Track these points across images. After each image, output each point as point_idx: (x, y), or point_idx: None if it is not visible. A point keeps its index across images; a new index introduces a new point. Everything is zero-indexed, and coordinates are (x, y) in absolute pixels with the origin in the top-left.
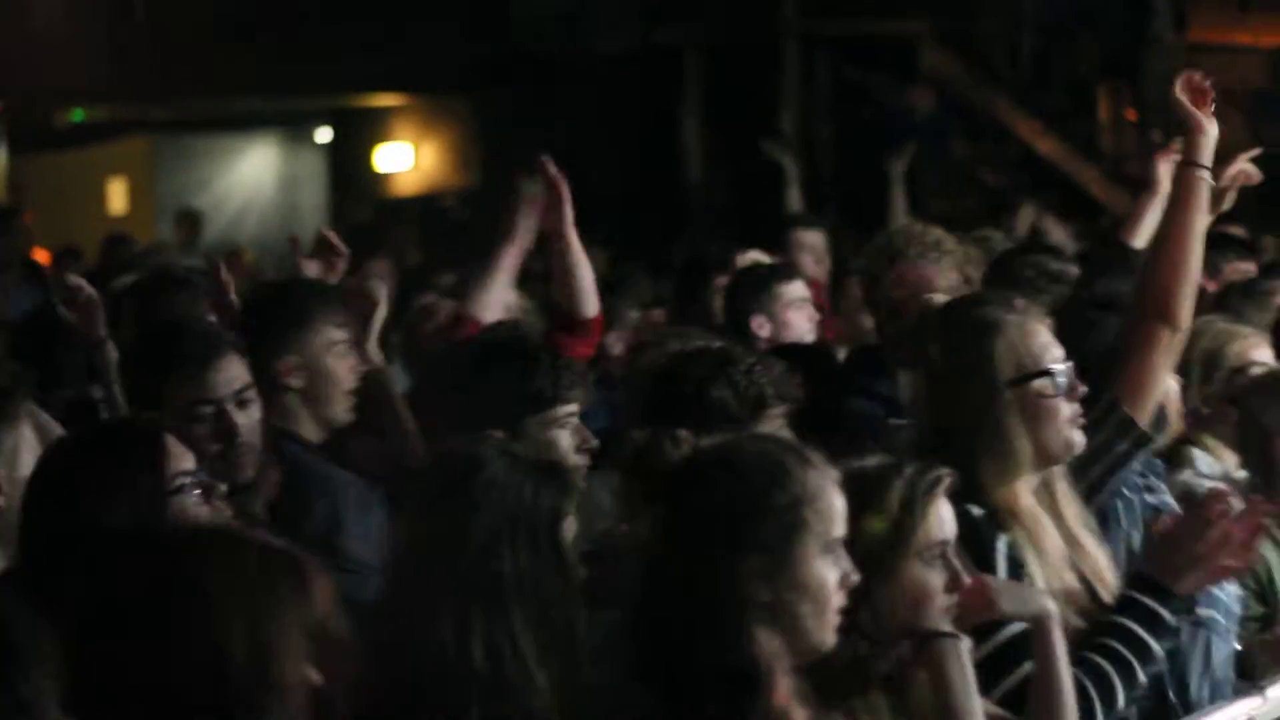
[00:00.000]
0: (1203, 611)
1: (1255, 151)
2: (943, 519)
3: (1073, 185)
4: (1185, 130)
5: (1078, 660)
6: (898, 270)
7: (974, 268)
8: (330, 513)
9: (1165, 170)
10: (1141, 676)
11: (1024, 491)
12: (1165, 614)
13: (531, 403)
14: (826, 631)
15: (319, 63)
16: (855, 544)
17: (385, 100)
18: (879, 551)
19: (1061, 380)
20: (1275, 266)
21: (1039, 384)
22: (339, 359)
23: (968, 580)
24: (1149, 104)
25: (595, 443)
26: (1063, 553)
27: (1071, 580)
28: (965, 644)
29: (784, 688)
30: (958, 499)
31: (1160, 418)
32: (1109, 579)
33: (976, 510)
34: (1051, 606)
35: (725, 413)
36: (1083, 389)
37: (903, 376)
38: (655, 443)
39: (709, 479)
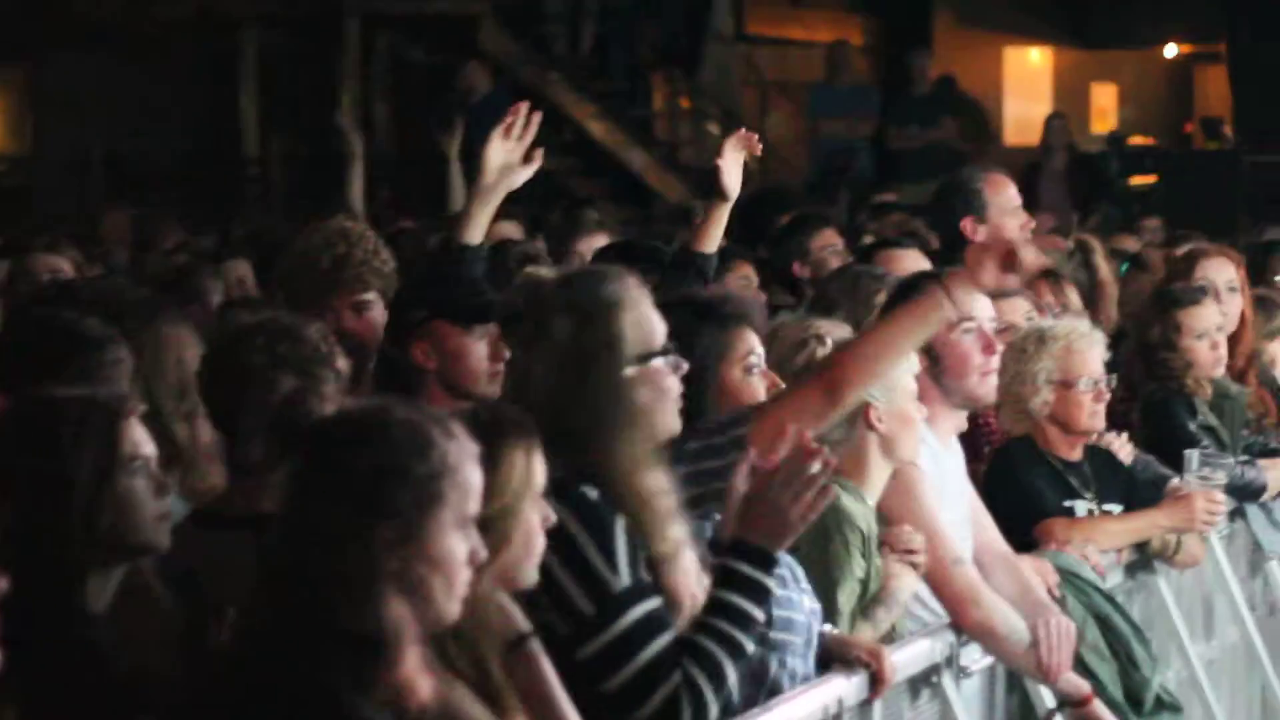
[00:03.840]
0: (777, 635)
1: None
2: (542, 465)
3: (626, 171)
4: (968, 270)
5: (688, 645)
6: None
7: None
8: None
9: (732, 176)
10: (749, 647)
11: (641, 469)
12: (763, 578)
13: None
14: (453, 604)
15: None
16: (494, 498)
17: None
18: (512, 506)
19: (673, 358)
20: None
21: (660, 361)
22: None
23: (553, 516)
24: (704, 93)
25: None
26: (677, 529)
27: (686, 558)
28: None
29: (411, 656)
30: (571, 481)
31: None
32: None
33: (592, 492)
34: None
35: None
36: (684, 365)
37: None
38: (301, 396)
39: (351, 441)
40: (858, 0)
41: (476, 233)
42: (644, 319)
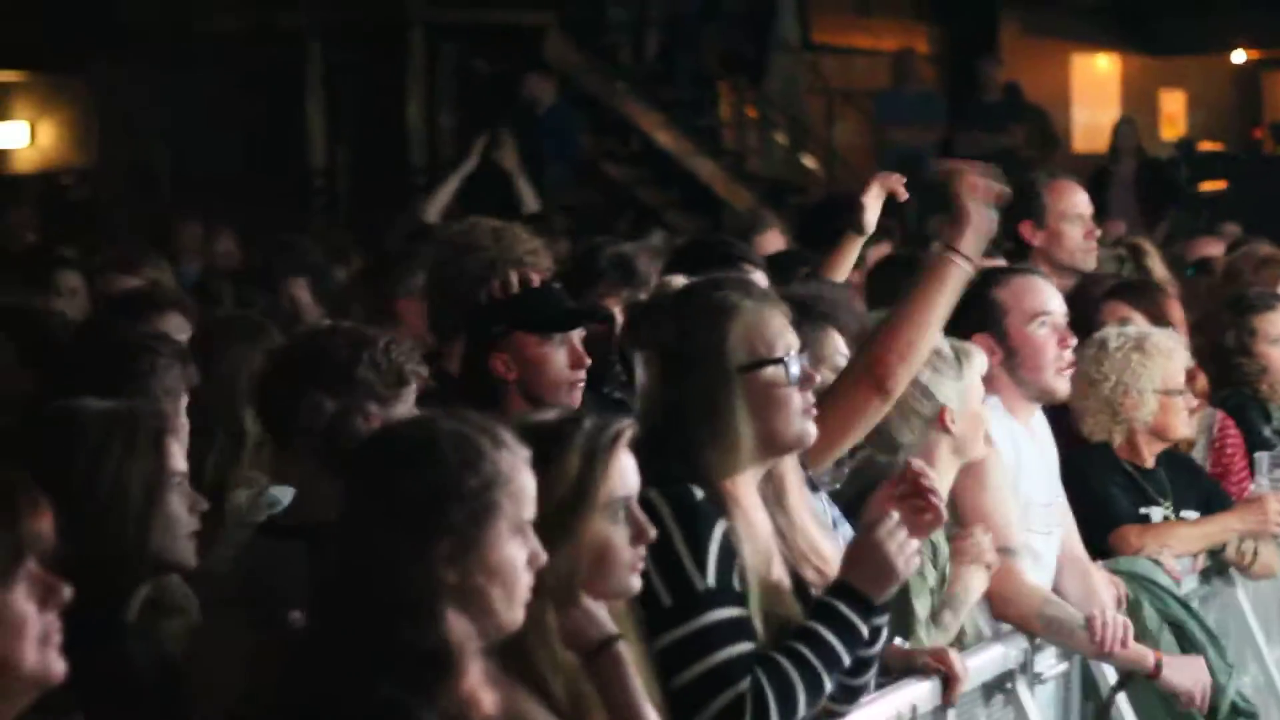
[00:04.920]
0: None
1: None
2: (625, 472)
3: (694, 180)
4: (954, 217)
5: (766, 661)
6: None
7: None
8: None
9: (872, 213)
10: (828, 684)
11: (748, 480)
12: (859, 623)
13: None
14: (516, 611)
15: None
16: (540, 501)
17: (2, 77)
18: (563, 508)
19: (794, 370)
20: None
21: (770, 372)
22: None
23: (652, 533)
24: (770, 102)
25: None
26: (773, 550)
27: (781, 576)
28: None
29: (474, 671)
30: (682, 480)
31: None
32: (828, 574)
33: (699, 491)
34: None
35: (369, 390)
36: (817, 379)
37: (636, 357)
38: (346, 416)
39: (400, 458)
40: (924, 8)
41: None
42: (757, 328)
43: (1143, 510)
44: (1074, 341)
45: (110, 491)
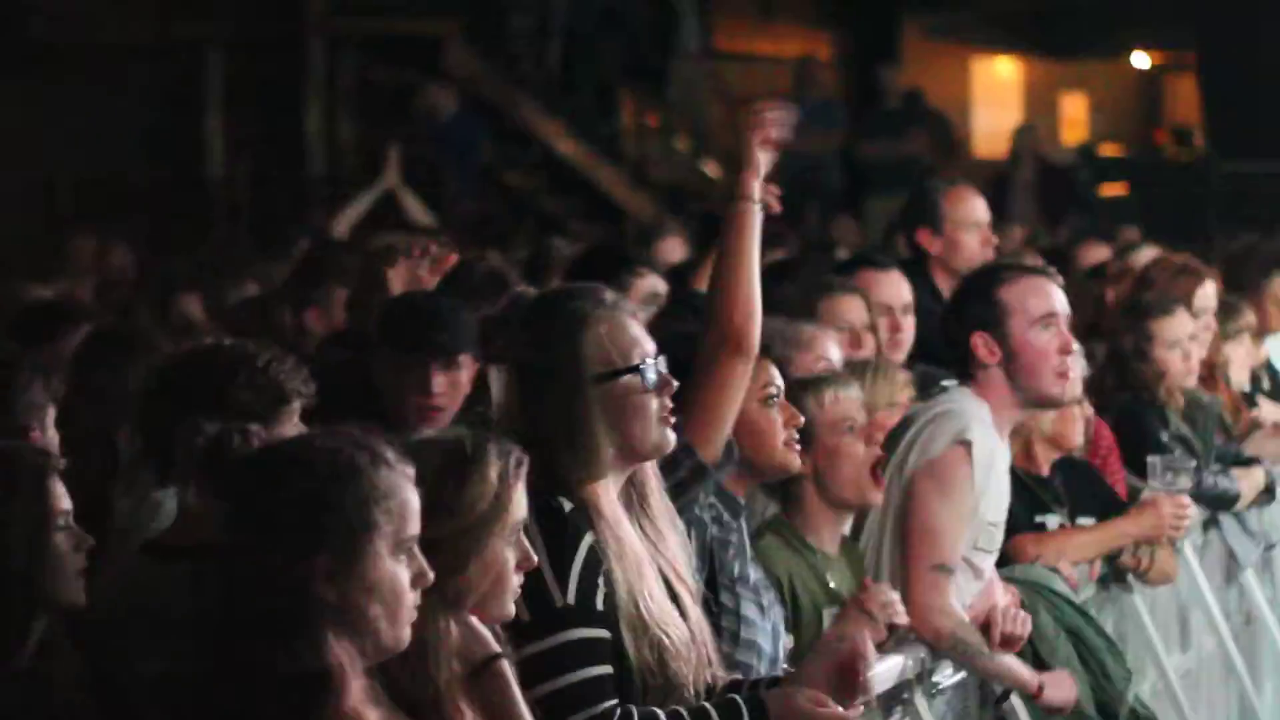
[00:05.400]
0: (739, 657)
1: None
2: (521, 500)
3: (595, 188)
4: (740, 166)
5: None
6: None
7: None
8: None
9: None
10: None
11: (608, 488)
12: None
13: None
14: (400, 630)
15: None
16: (452, 513)
17: None
18: (478, 525)
19: (650, 376)
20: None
21: (626, 380)
22: None
23: (534, 560)
24: (672, 109)
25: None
26: (642, 554)
27: (651, 582)
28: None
29: (356, 691)
30: (544, 490)
31: (729, 449)
32: (690, 581)
33: (566, 503)
34: None
35: (246, 410)
36: (674, 384)
37: (491, 370)
38: (225, 437)
39: (276, 476)
40: (825, 14)
41: None
42: (611, 336)
43: (1039, 518)
44: (1077, 348)
45: None
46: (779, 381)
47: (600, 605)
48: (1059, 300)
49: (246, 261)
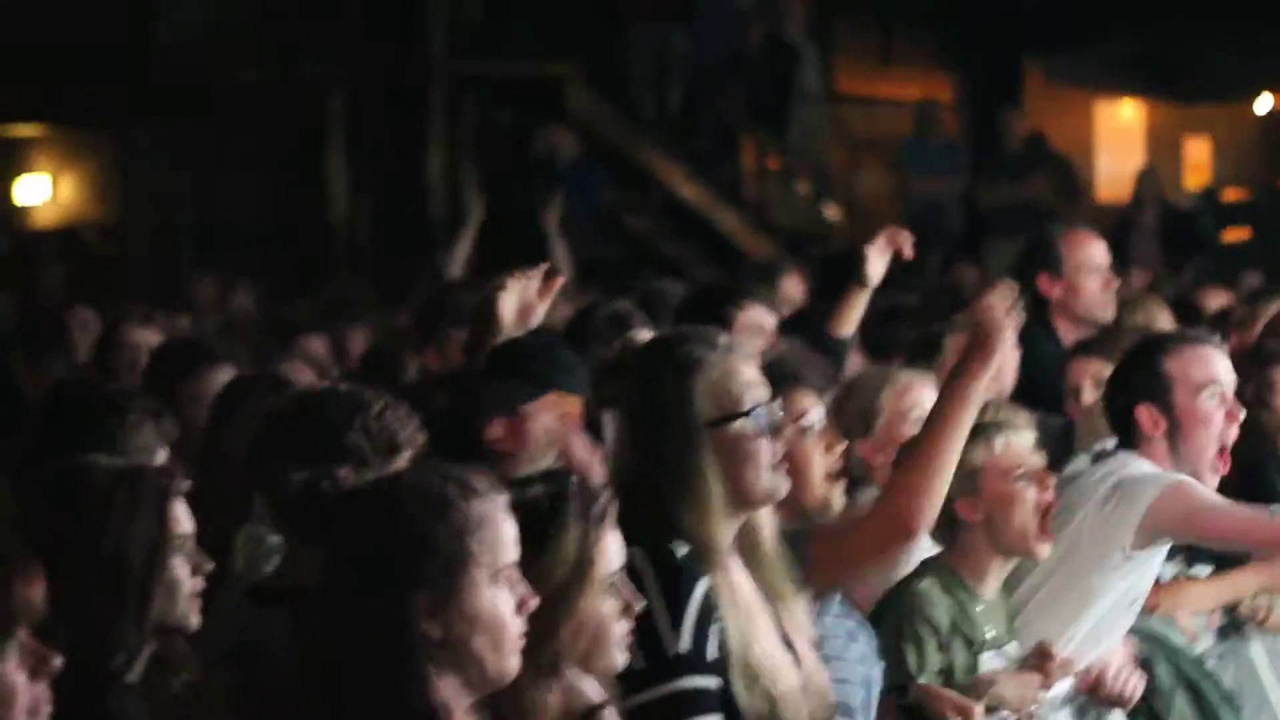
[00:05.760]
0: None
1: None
2: (614, 549)
3: (716, 232)
4: (976, 348)
5: None
6: None
7: None
8: None
9: (876, 266)
10: None
11: (723, 535)
12: None
13: None
14: (506, 661)
15: None
16: (535, 580)
17: (23, 131)
18: (563, 589)
19: (763, 422)
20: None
21: (739, 425)
22: None
23: (639, 606)
24: (793, 152)
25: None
26: (755, 602)
27: (764, 630)
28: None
29: None
30: (660, 535)
31: None
32: (806, 630)
33: (681, 548)
34: None
35: (359, 456)
36: (790, 427)
37: (605, 415)
38: (313, 483)
39: (367, 516)
40: (946, 57)
41: None
42: (724, 381)
43: None
44: (1241, 414)
45: (112, 555)
46: (815, 413)
47: (713, 653)
48: (1224, 368)
49: (368, 304)
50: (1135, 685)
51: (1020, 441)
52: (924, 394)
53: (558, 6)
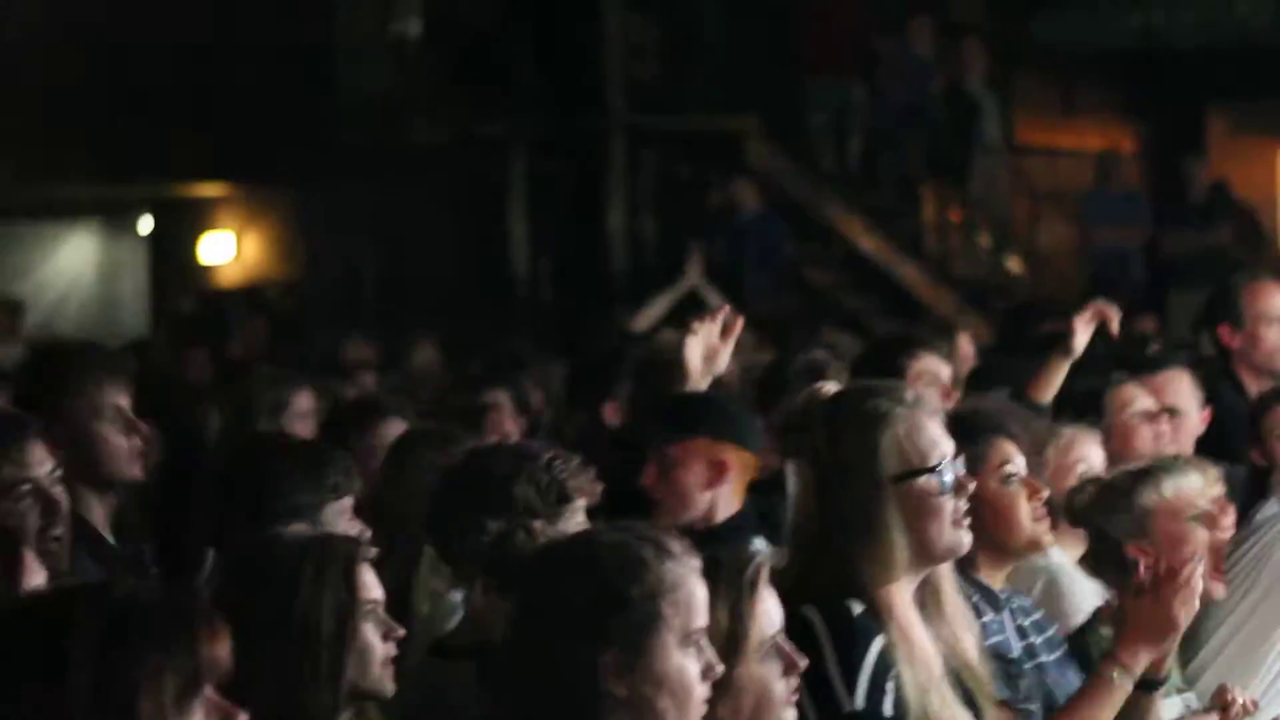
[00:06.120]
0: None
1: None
2: (770, 610)
3: (896, 284)
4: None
5: None
6: None
7: None
8: None
9: (1081, 338)
10: None
11: (902, 590)
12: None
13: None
14: None
15: (142, 150)
16: None
17: (208, 190)
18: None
19: (948, 478)
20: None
21: (924, 481)
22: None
23: (803, 664)
24: (974, 204)
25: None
26: (934, 658)
27: (943, 685)
28: None
29: None
30: (836, 593)
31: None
32: (989, 689)
33: (857, 606)
34: None
35: (529, 508)
36: (971, 485)
37: (788, 466)
38: (510, 534)
39: (562, 572)
40: (1129, 107)
41: None
42: (910, 436)
43: None
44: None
45: (302, 623)
46: (1017, 461)
47: (889, 710)
48: None
49: (552, 359)
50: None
51: (1190, 484)
52: (1089, 450)
53: (736, 61)
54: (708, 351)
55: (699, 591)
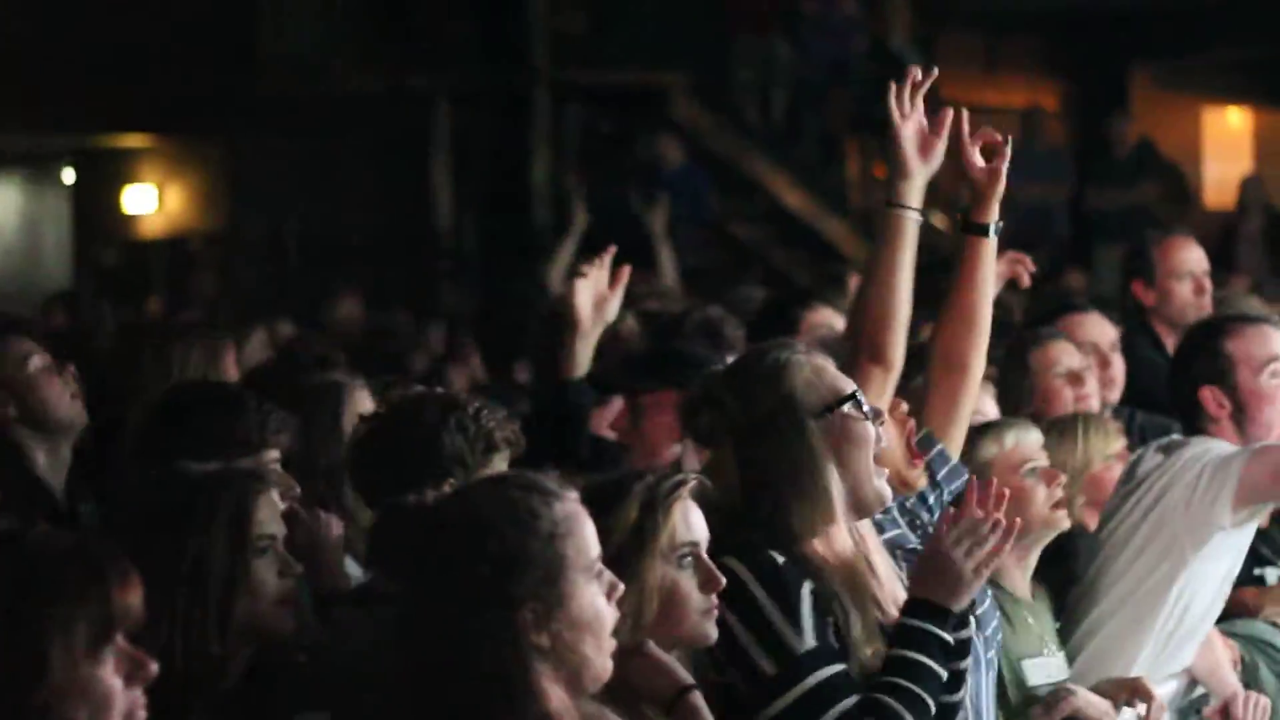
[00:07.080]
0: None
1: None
2: (689, 520)
3: (820, 239)
4: (898, 174)
5: (870, 705)
6: None
7: None
8: None
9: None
10: (932, 707)
11: (839, 537)
12: (945, 636)
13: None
14: (606, 658)
15: (64, 101)
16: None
17: (131, 141)
18: (622, 554)
19: (866, 405)
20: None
21: (846, 409)
22: None
23: (722, 581)
24: None
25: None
26: (885, 596)
27: (887, 605)
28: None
29: None
30: (763, 547)
31: None
32: None
33: (779, 556)
34: None
35: (457, 457)
36: (883, 416)
37: (688, 444)
38: (432, 484)
39: (458, 537)
40: (1053, 65)
41: (580, 368)
42: (819, 374)
43: (1257, 571)
44: None
45: (194, 561)
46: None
47: (836, 640)
48: None
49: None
50: (1265, 711)
51: (1030, 439)
52: (983, 404)
53: (662, 16)
54: (596, 299)
55: (588, 523)
